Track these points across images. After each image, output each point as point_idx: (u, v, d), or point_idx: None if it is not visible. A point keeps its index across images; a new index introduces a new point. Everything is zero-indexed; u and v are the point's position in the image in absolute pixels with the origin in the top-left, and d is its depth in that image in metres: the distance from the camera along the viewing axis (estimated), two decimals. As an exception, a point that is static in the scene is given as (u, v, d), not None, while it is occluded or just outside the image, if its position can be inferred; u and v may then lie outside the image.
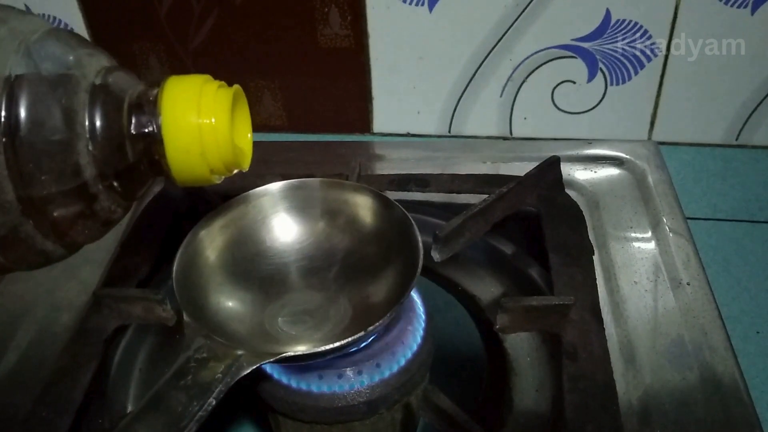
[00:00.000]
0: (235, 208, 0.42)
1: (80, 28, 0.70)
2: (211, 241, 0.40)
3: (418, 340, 0.38)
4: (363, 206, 0.41)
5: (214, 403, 0.31)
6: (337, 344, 0.33)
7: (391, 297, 0.38)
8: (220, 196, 0.48)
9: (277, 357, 0.33)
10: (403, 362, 0.37)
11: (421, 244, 0.38)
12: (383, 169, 0.56)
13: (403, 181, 0.51)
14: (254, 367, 0.33)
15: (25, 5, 0.69)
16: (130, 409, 0.43)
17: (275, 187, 0.42)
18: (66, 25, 0.70)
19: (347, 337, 0.34)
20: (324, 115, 0.72)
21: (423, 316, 0.40)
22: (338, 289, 0.41)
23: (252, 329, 0.39)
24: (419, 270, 0.36)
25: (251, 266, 0.42)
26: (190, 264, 0.39)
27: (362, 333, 0.34)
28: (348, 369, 0.36)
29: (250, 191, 0.42)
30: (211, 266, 0.40)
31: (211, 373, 0.32)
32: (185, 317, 0.35)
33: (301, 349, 0.34)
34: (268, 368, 0.37)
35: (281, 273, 0.42)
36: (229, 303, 0.40)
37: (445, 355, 0.42)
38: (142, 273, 0.46)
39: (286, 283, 0.42)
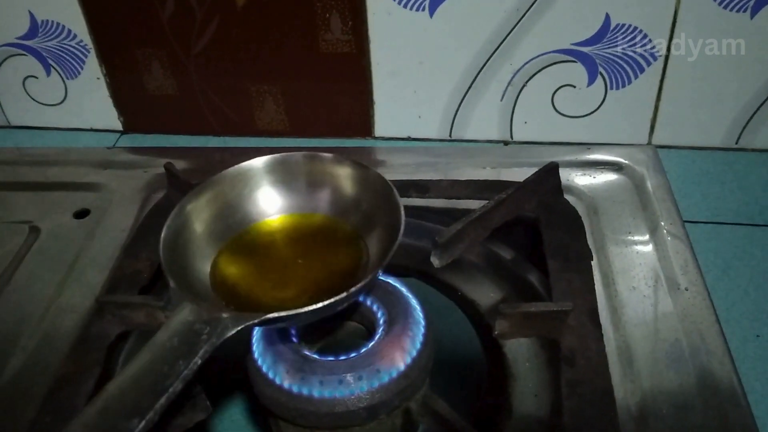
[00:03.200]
0: (221, 183, 0.43)
1: (84, 33, 0.70)
2: (198, 214, 0.42)
3: (418, 345, 0.39)
4: (344, 176, 0.43)
5: (199, 362, 0.32)
6: (318, 305, 0.34)
7: (375, 261, 0.39)
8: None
9: (260, 319, 0.34)
10: (402, 368, 0.37)
11: (402, 208, 0.38)
12: (384, 174, 0.56)
13: (403, 187, 0.51)
14: (239, 328, 0.34)
15: (29, 12, 0.70)
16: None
17: (259, 161, 0.43)
18: (69, 31, 0.70)
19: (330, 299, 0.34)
20: (326, 119, 0.72)
21: (423, 322, 0.40)
22: (323, 255, 0.42)
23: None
24: (401, 233, 0.37)
25: (238, 237, 0.43)
26: (177, 235, 0.40)
27: (344, 294, 0.34)
28: (348, 374, 0.37)
29: (236, 166, 0.43)
30: (199, 237, 0.41)
31: (197, 335, 0.33)
32: (171, 284, 0.36)
33: (283, 311, 0.34)
34: (270, 373, 0.38)
35: (267, 243, 0.43)
36: None
37: (445, 360, 0.42)
38: (144, 279, 0.46)
39: (272, 252, 0.42)
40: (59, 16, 0.70)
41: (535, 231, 0.48)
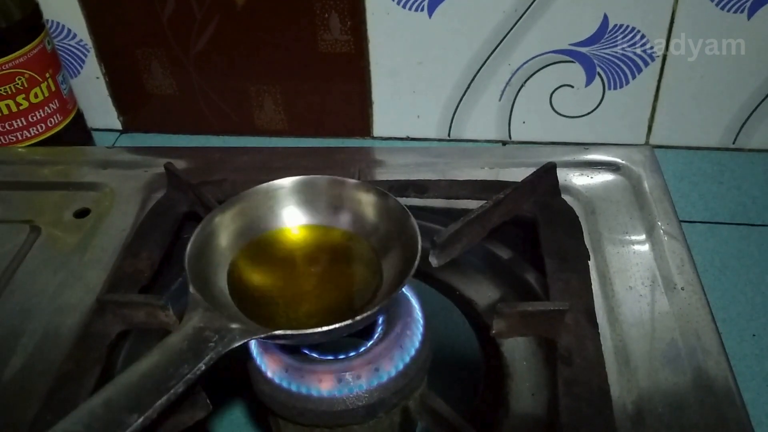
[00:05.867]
0: (248, 199, 0.44)
1: (83, 33, 0.71)
2: (225, 228, 0.43)
3: (417, 344, 0.39)
4: (366, 202, 0.43)
5: (203, 368, 0.33)
6: (325, 328, 0.35)
7: (389, 287, 0.39)
8: (220, 202, 0.49)
9: (268, 334, 0.35)
10: (401, 366, 0.38)
11: (419, 237, 0.39)
12: (382, 174, 0.56)
13: (402, 187, 0.51)
14: (246, 340, 0.35)
15: (29, 11, 0.70)
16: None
17: (287, 181, 0.44)
18: (69, 31, 0.71)
19: (338, 323, 0.35)
20: (325, 119, 0.73)
21: (421, 321, 0.40)
22: (338, 273, 0.42)
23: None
24: (417, 261, 0.37)
25: (257, 242, 0.44)
26: (203, 245, 0.41)
27: (350, 321, 0.35)
28: (347, 373, 0.37)
29: (264, 184, 0.44)
30: (223, 249, 0.42)
31: (205, 341, 0.34)
32: (190, 289, 0.37)
33: (290, 329, 0.36)
34: (269, 373, 0.38)
35: (284, 253, 0.44)
36: None
37: (443, 358, 0.42)
38: (144, 278, 0.47)
39: (288, 264, 0.43)
40: (59, 15, 0.70)
41: (533, 231, 0.48)
